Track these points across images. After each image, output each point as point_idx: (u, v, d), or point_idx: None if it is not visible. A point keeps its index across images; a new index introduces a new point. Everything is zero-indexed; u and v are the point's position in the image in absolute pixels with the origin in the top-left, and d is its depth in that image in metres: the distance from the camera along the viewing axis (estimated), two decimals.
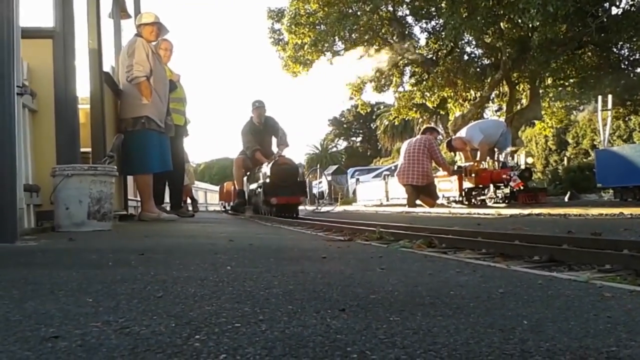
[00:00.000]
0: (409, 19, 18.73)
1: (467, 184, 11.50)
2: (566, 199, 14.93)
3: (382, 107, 42.85)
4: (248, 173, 9.87)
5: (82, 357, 0.85)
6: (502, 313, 1.23)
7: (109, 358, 0.85)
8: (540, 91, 17.63)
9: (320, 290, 1.50)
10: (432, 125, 15.99)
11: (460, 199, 11.66)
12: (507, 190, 10.59)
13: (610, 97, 15.21)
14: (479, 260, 2.44)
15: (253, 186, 9.22)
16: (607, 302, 1.38)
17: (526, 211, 7.25)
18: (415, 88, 18.93)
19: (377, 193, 18.43)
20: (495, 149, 11.56)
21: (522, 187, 10.32)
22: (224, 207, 14.49)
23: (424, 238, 3.31)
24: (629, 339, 1.00)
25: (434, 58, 18.08)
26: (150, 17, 6.19)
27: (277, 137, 9.66)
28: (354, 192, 21.68)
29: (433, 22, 18.41)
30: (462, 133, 12.24)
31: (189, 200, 11.28)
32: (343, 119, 56.60)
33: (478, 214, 7.62)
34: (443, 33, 15.09)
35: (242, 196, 10.17)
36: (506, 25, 15.61)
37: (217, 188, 27.61)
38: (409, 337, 1.00)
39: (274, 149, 9.64)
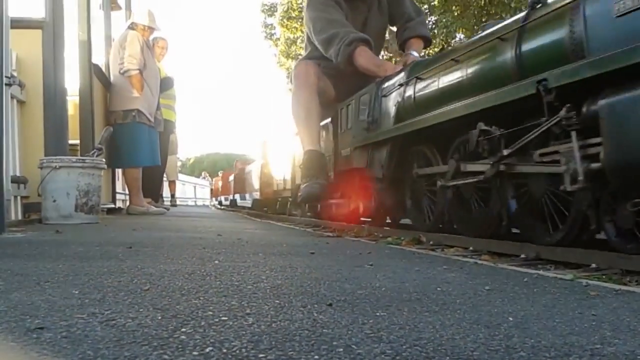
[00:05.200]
0: None
1: None
2: None
3: None
4: (341, 108, 4.36)
5: (67, 349, 0.85)
6: (488, 310, 1.24)
7: (94, 349, 0.84)
8: None
9: (308, 285, 1.50)
10: None
11: None
12: None
13: None
14: (466, 257, 2.46)
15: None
16: (592, 300, 1.39)
17: None
18: None
19: None
20: None
21: None
22: (219, 202, 14.27)
23: (412, 235, 3.33)
24: (614, 336, 1.01)
25: (426, 56, 18.14)
26: (144, 17, 6.13)
27: (399, 21, 4.69)
28: None
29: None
30: None
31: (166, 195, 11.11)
32: None
33: None
34: (435, 31, 15.13)
35: (319, 168, 4.21)
36: None
37: (207, 182, 27.55)
38: (395, 332, 1.01)
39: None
